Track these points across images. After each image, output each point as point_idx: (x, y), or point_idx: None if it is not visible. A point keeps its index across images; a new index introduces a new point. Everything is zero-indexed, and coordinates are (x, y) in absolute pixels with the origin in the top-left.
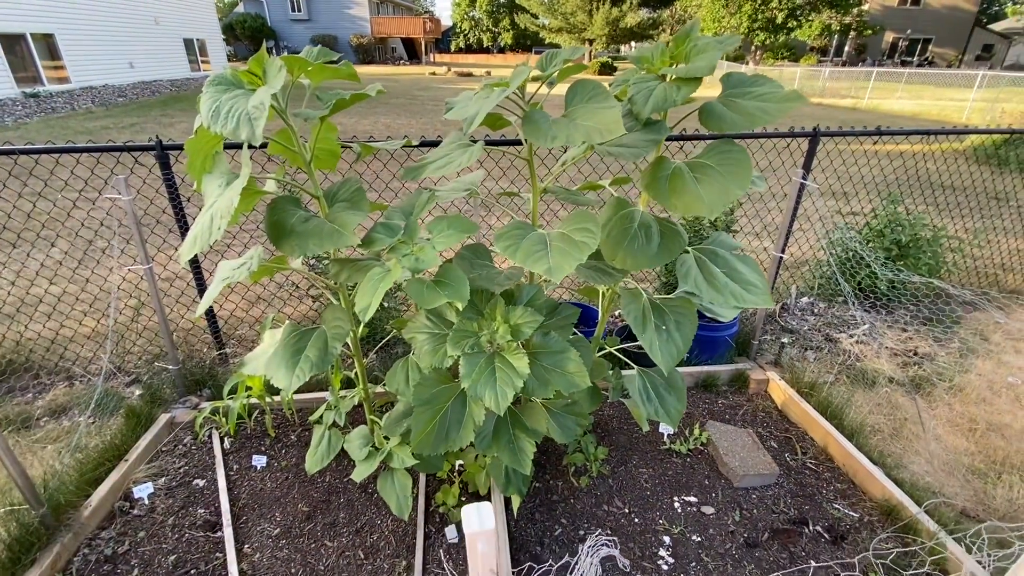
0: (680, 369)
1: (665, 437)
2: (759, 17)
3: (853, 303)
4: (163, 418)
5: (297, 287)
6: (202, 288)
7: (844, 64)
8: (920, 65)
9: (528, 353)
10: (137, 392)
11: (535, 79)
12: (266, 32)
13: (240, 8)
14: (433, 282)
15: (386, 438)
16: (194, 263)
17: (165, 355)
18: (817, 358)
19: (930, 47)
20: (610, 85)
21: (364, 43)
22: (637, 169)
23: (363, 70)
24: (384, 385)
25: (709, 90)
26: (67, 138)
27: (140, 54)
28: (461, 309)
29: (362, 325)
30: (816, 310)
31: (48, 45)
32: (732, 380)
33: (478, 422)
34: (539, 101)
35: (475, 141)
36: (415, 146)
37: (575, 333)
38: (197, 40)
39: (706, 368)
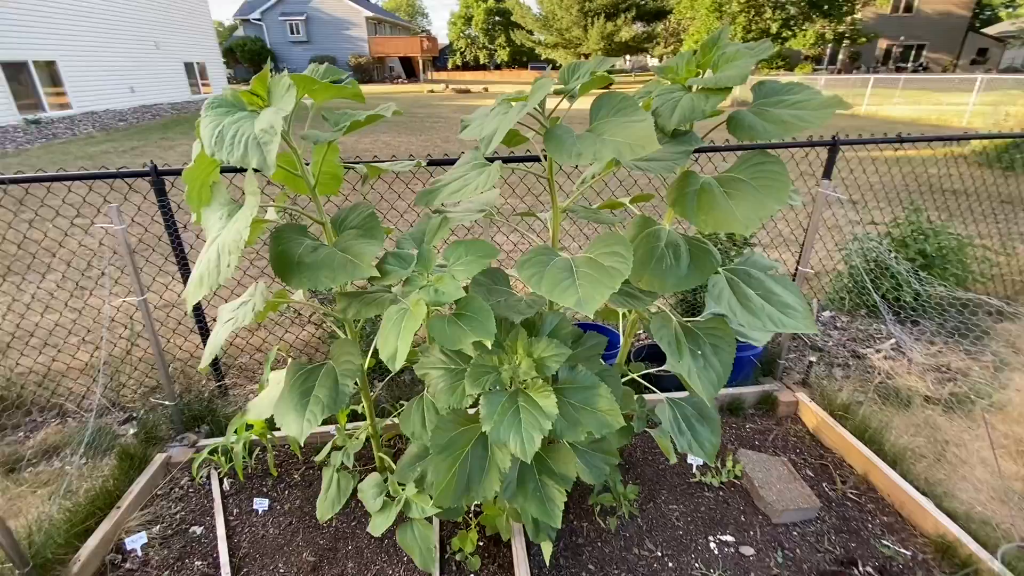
0: None
1: (694, 468)
2: (753, 28)
3: (888, 317)
4: (159, 458)
5: (299, 314)
6: (200, 320)
7: (839, 72)
8: (915, 71)
9: (555, 389)
10: (131, 431)
11: (556, 92)
12: (266, 54)
13: (240, 32)
14: (455, 316)
15: (401, 485)
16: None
17: (161, 390)
18: (845, 375)
19: (924, 53)
20: (634, 95)
21: (362, 63)
22: (651, 184)
23: (362, 89)
24: (394, 418)
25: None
26: (67, 163)
27: (141, 78)
28: (489, 346)
29: (405, 353)
30: (839, 324)
31: (50, 72)
32: (759, 402)
33: (503, 469)
34: (559, 116)
35: (491, 160)
36: (424, 166)
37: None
38: (197, 63)
39: (731, 390)
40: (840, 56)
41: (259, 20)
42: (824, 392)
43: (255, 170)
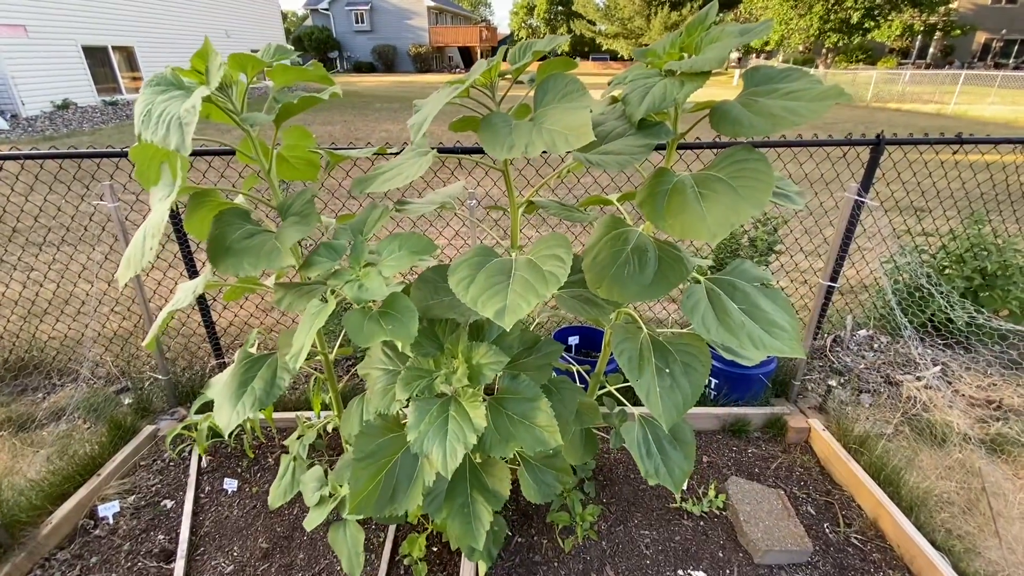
0: (704, 410)
1: (676, 493)
2: (831, 18)
3: (915, 345)
4: (147, 430)
5: None
6: (200, 297)
7: (928, 67)
8: (1017, 68)
9: (493, 400)
10: (127, 400)
11: (501, 75)
12: (331, 44)
13: (309, 21)
14: (378, 313)
15: (340, 484)
16: (191, 268)
17: (156, 365)
18: (874, 403)
19: None
20: (609, 83)
21: (422, 52)
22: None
23: (419, 79)
24: None
25: None
26: (135, 141)
27: None
28: (401, 348)
29: (306, 352)
30: (876, 345)
31: (128, 57)
32: (766, 426)
33: (428, 482)
34: (519, 103)
35: (434, 149)
36: (391, 153)
37: (558, 372)
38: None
39: (735, 410)
40: (931, 50)
41: (327, 10)
42: (842, 421)
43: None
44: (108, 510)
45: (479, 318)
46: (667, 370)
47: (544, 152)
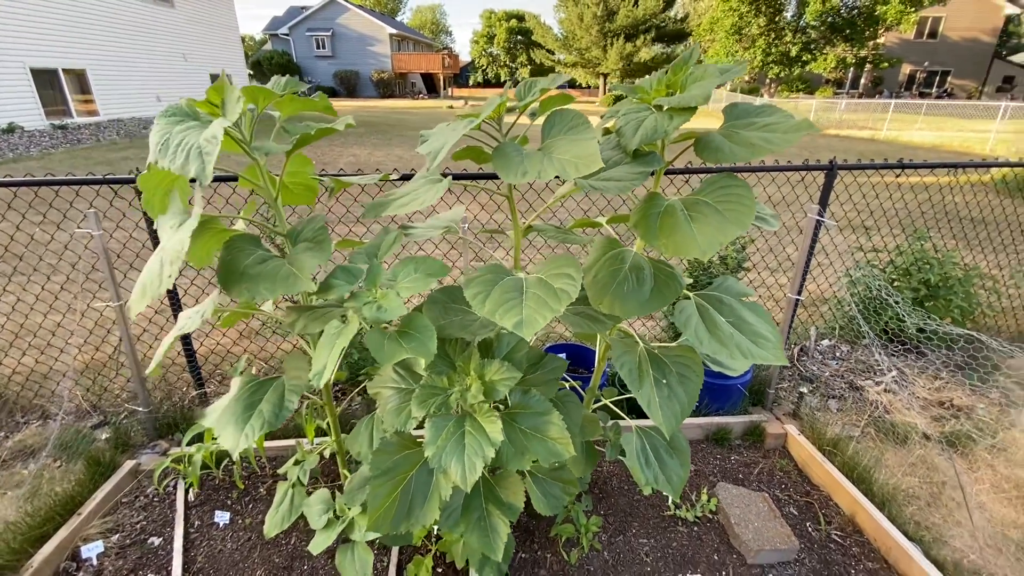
0: (689, 420)
1: (670, 501)
2: (773, 51)
3: (879, 351)
4: (128, 465)
5: (280, 323)
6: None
7: (860, 96)
8: (939, 97)
9: (505, 414)
10: (104, 435)
11: (511, 109)
12: (291, 68)
13: (268, 46)
14: (396, 333)
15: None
16: (174, 299)
17: (134, 397)
18: (841, 408)
19: (949, 79)
20: (602, 117)
21: (385, 78)
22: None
23: (382, 104)
24: None
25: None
26: (87, 167)
27: (168, 88)
28: (424, 366)
29: (332, 371)
30: (839, 353)
31: (79, 80)
32: (746, 433)
33: (444, 497)
34: (522, 134)
35: (446, 176)
36: (393, 180)
37: (562, 388)
38: (224, 75)
39: (717, 419)
40: (862, 80)
41: (287, 35)
42: (815, 425)
43: (192, 180)
44: (91, 551)
45: (487, 336)
46: (664, 380)
47: (535, 180)
